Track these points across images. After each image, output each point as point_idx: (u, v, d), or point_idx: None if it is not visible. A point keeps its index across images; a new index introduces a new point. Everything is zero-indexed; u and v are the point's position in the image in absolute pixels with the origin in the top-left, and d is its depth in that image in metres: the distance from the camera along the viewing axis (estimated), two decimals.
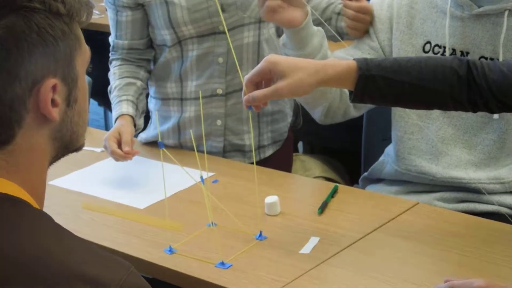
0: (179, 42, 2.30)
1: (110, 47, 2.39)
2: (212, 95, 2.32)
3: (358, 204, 1.98)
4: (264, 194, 1.94)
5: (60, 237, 1.11)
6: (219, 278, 1.65)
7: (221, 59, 2.29)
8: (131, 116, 2.24)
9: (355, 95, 1.70)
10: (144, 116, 2.36)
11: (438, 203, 2.06)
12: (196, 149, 1.76)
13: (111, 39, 2.39)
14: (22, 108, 1.11)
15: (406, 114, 2.12)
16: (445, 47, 2.04)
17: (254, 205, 1.91)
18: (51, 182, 2.11)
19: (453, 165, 2.07)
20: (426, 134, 2.10)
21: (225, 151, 2.37)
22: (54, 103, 1.12)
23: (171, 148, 2.34)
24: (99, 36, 3.15)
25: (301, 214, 1.92)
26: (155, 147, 2.29)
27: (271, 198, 1.92)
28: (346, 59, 2.09)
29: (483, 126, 2.05)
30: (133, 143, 2.14)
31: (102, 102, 4.20)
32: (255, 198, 1.91)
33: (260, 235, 1.81)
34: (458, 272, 1.63)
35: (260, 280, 1.64)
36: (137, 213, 1.97)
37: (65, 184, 2.15)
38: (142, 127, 2.34)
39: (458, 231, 1.81)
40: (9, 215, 1.09)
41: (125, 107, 2.25)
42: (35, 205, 1.14)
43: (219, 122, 2.34)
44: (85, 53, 1.18)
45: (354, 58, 1.72)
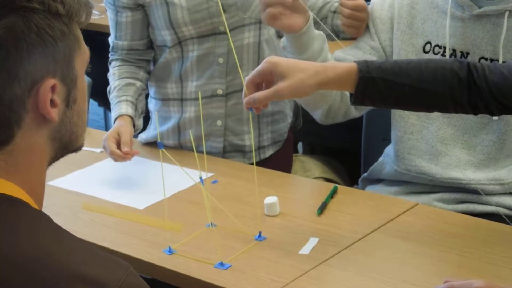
0: (180, 42, 2.30)
1: (110, 48, 2.39)
2: (212, 96, 2.32)
3: (358, 204, 1.97)
4: (263, 195, 1.94)
5: (59, 237, 1.11)
6: (219, 279, 1.65)
7: (221, 60, 2.29)
8: (130, 116, 2.24)
9: (356, 97, 1.70)
10: (144, 116, 2.36)
11: (438, 204, 2.06)
12: (196, 149, 1.76)
13: (111, 40, 2.39)
14: (21, 108, 1.11)
15: (406, 114, 2.12)
16: (445, 48, 2.04)
17: (254, 205, 1.91)
18: (51, 183, 2.11)
19: (452, 165, 2.07)
20: (426, 134, 2.10)
21: (225, 152, 2.37)
22: (53, 104, 1.13)
23: (171, 148, 2.34)
24: (99, 36, 3.15)
25: (300, 215, 1.92)
26: (155, 148, 2.29)
27: (271, 199, 1.92)
28: (346, 59, 2.10)
29: (483, 126, 2.05)
30: (132, 144, 2.14)
31: (102, 103, 4.20)
32: (255, 199, 1.91)
33: (259, 236, 1.81)
34: (457, 272, 1.63)
35: (259, 280, 1.64)
36: (136, 213, 1.97)
37: (64, 184, 2.14)
38: (141, 128, 2.34)
39: (458, 232, 1.81)
40: (8, 216, 1.09)
41: (124, 108, 2.25)
42: (34, 205, 1.14)
43: (219, 122, 2.34)
44: (84, 53, 1.18)
45: (354, 61, 1.72)
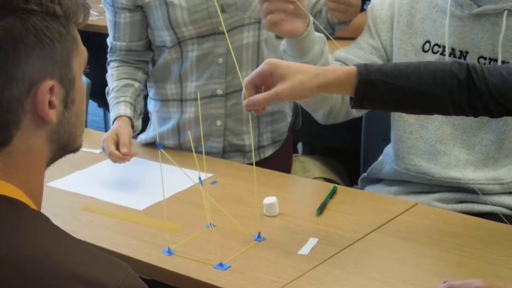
0: (179, 43, 2.29)
1: (108, 49, 2.39)
2: (212, 96, 2.32)
3: (357, 204, 1.97)
4: (262, 195, 1.94)
5: (58, 238, 1.11)
6: (218, 279, 1.65)
7: (221, 60, 2.29)
8: (129, 117, 2.23)
9: (355, 101, 1.70)
10: (143, 117, 2.35)
11: (437, 204, 2.06)
12: (195, 150, 1.76)
13: (109, 41, 2.39)
14: (19, 109, 1.11)
15: (405, 114, 2.11)
16: (444, 47, 2.04)
17: (253, 206, 1.91)
18: (50, 184, 2.11)
19: (451, 164, 2.07)
20: (425, 134, 2.10)
21: (224, 152, 2.37)
22: (51, 105, 1.13)
23: (171, 149, 2.34)
24: (97, 37, 3.15)
25: (299, 215, 1.91)
26: (154, 148, 2.29)
27: (270, 199, 1.92)
28: (347, 59, 2.10)
29: (482, 126, 2.05)
30: (131, 145, 2.14)
31: (102, 104, 4.20)
32: (254, 199, 1.91)
33: (258, 236, 1.81)
34: (457, 272, 1.63)
35: (258, 281, 1.63)
36: (135, 214, 1.97)
37: (63, 185, 2.14)
38: (140, 129, 2.34)
39: (457, 232, 1.81)
40: (7, 216, 1.10)
41: (123, 109, 2.25)
42: (33, 206, 1.14)
43: (219, 122, 2.34)
44: (82, 54, 1.18)
45: (354, 64, 1.72)
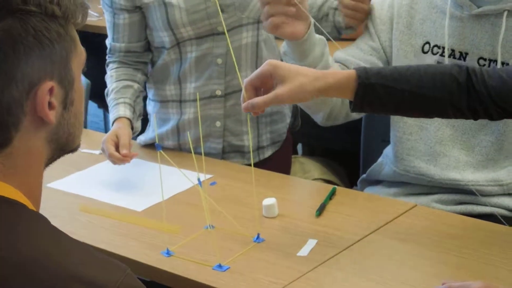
0: (178, 44, 2.29)
1: (107, 50, 2.39)
2: (211, 96, 2.32)
3: (356, 206, 1.97)
4: (262, 196, 1.94)
5: (57, 239, 1.11)
6: (217, 281, 1.65)
7: (220, 60, 2.29)
8: (129, 118, 2.23)
9: (355, 104, 1.70)
10: (142, 119, 2.35)
11: (436, 205, 2.06)
12: (195, 150, 1.76)
13: (108, 42, 2.38)
14: (19, 111, 1.11)
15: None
16: (444, 48, 2.04)
17: (252, 207, 1.91)
18: (49, 185, 2.11)
19: (451, 166, 2.07)
20: (425, 135, 2.10)
21: (224, 152, 2.37)
22: (51, 106, 1.13)
23: (170, 150, 2.34)
24: (97, 38, 3.15)
25: (299, 216, 1.91)
26: (154, 150, 2.28)
27: (269, 200, 1.92)
28: (347, 60, 2.11)
29: (481, 127, 2.05)
30: (130, 146, 2.14)
31: (102, 105, 4.20)
32: (253, 200, 1.90)
33: (257, 238, 1.80)
34: (456, 274, 1.63)
35: (257, 282, 1.63)
36: (134, 215, 1.96)
37: (62, 186, 2.14)
38: (140, 130, 2.34)
39: (456, 233, 1.81)
40: (6, 217, 1.10)
41: (122, 110, 2.25)
42: (32, 207, 1.14)
43: (218, 123, 2.34)
44: (80, 55, 1.18)
45: (354, 67, 1.72)
